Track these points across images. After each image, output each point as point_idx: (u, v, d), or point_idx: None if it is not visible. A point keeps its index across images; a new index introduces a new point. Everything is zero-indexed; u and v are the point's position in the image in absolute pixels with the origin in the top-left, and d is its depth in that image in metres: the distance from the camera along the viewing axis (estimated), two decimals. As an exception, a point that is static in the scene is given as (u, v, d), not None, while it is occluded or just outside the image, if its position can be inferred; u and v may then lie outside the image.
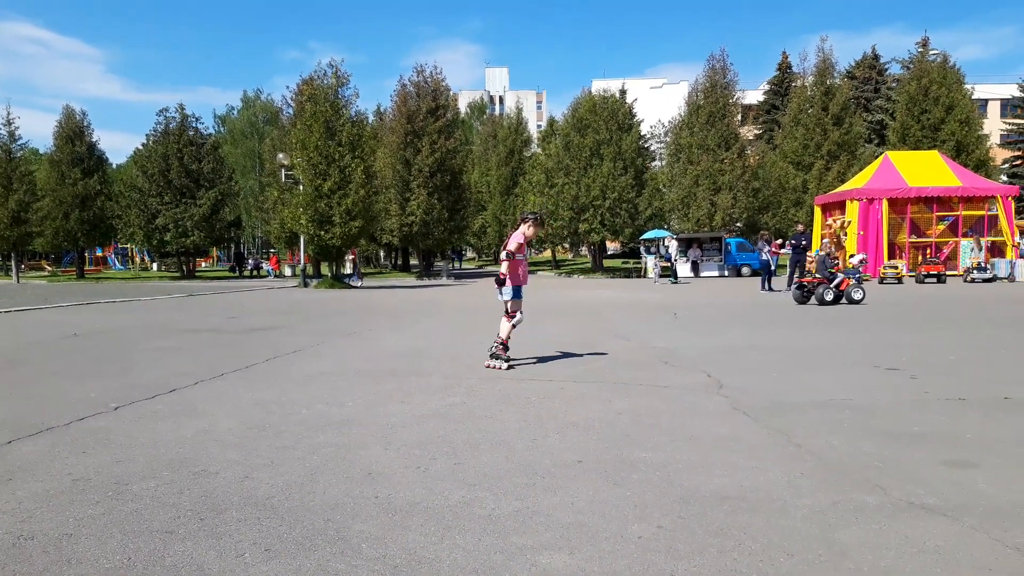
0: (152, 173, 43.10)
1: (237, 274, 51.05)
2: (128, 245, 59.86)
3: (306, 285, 31.11)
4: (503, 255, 8.38)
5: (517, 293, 8.48)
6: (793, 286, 19.15)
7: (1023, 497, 3.87)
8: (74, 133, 46.18)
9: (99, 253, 62.96)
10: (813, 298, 17.99)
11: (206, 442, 5.14)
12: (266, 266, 50.68)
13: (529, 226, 8.50)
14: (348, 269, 34.71)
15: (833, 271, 18.16)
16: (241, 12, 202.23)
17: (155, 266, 62.73)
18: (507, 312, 8.50)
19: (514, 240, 8.33)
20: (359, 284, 32.10)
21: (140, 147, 47.68)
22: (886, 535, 3.38)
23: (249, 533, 3.46)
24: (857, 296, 17.66)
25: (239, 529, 3.51)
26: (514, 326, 8.50)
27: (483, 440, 5.10)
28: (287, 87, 71.49)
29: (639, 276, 39.74)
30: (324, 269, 38.12)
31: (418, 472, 4.37)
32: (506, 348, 8.39)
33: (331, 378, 7.69)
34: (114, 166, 66.56)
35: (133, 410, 6.21)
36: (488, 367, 8.29)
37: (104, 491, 4.09)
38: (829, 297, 17.66)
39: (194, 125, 45.65)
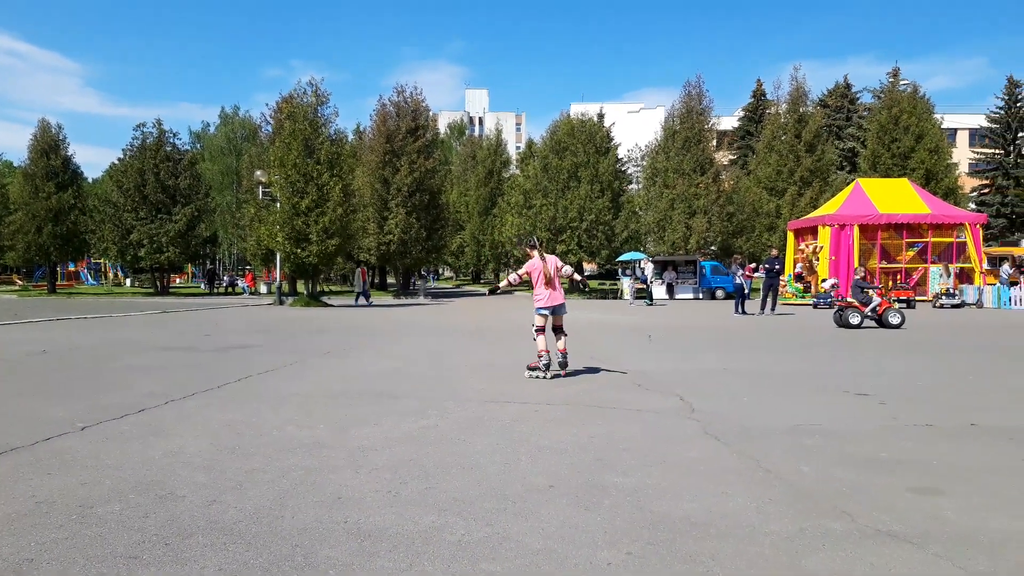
0: (127, 188, 42.68)
1: (209, 291, 50.57)
2: (101, 260, 59.12)
3: (282, 303, 30.87)
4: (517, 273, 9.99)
5: (544, 311, 9.56)
6: (834, 310, 19.20)
7: (987, 525, 3.94)
8: (49, 147, 45.66)
9: (71, 268, 62.05)
10: (866, 318, 17.84)
11: (174, 464, 5.07)
12: (241, 283, 50.24)
13: (534, 249, 9.86)
14: (358, 288, 33.29)
15: (870, 295, 18.11)
16: (223, 28, 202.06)
17: (128, 282, 61.94)
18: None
19: (525, 267, 9.75)
20: (368, 304, 31.30)
21: (116, 162, 47.18)
22: (852, 562, 3.41)
23: (215, 559, 3.42)
24: (895, 320, 17.61)
25: (204, 555, 3.47)
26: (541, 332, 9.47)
27: (455, 464, 5.09)
28: (266, 104, 71.45)
29: (615, 298, 39.94)
30: (300, 287, 37.86)
31: (389, 496, 4.34)
32: (541, 360, 9.33)
33: (304, 399, 7.63)
34: (89, 180, 65.84)
35: (100, 430, 6.11)
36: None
37: (68, 514, 4.02)
38: (855, 321, 17.67)
39: (171, 141, 45.32)
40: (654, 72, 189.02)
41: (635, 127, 79.25)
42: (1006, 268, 32.06)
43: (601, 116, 46.08)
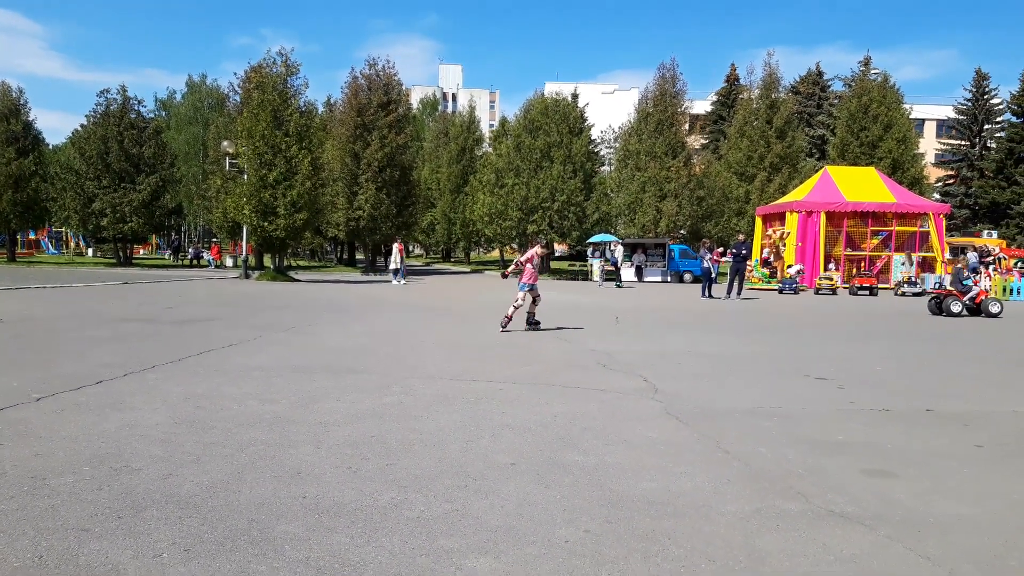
0: (90, 155, 41.61)
1: (174, 262, 49.75)
2: (63, 229, 57.77)
3: (247, 276, 30.47)
4: (518, 260, 12.87)
5: (524, 288, 12.45)
6: (930, 298, 19.40)
7: (938, 508, 4.03)
8: (9, 111, 44.28)
9: (32, 236, 60.57)
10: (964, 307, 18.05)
11: (131, 437, 4.99)
12: (207, 256, 49.48)
13: (540, 247, 13.04)
14: (395, 264, 30.12)
15: (970, 284, 18.24)
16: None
17: (90, 252, 60.63)
18: (517, 301, 12.48)
19: (529, 254, 12.59)
20: (403, 282, 29.40)
21: (79, 128, 45.96)
22: (805, 543, 3.47)
23: (169, 532, 3.37)
24: (995, 310, 17.83)
25: (158, 528, 3.42)
26: (515, 308, 12.52)
27: (417, 441, 5.08)
28: (235, 73, 70.03)
29: (585, 279, 40.09)
30: (268, 261, 37.41)
31: (348, 472, 4.32)
32: (509, 320, 12.43)
33: (266, 373, 7.55)
34: (51, 147, 64.08)
35: (56, 401, 6.00)
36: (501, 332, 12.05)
37: (19, 486, 3.94)
38: (956, 309, 17.91)
39: (136, 108, 44.25)
40: (629, 54, 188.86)
41: (609, 108, 79.21)
42: (972, 256, 32.72)
43: (575, 96, 45.88)
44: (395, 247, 30.58)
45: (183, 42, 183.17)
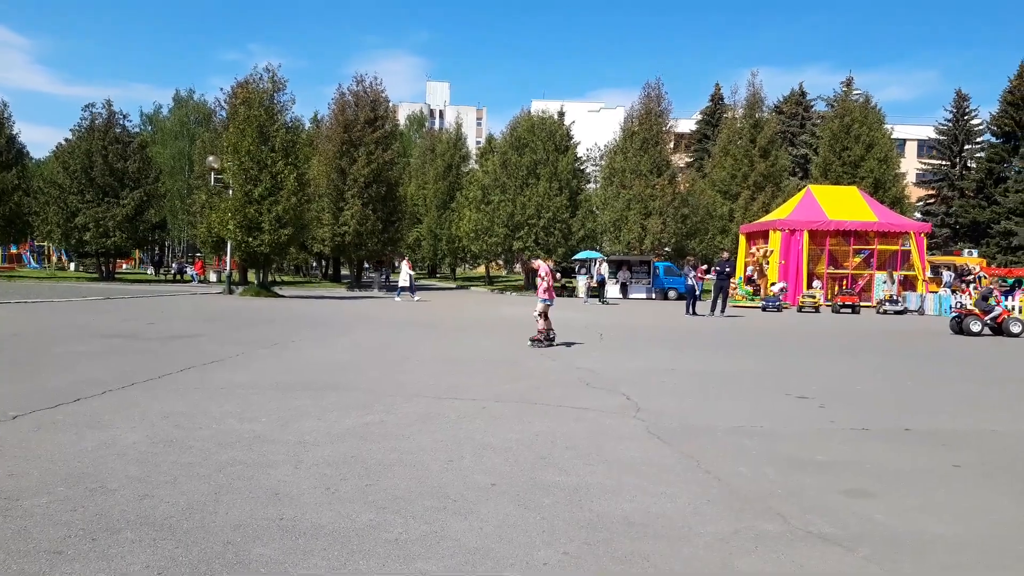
0: (74, 170, 41.41)
1: (156, 277, 49.40)
2: (45, 243, 57.29)
3: (231, 292, 30.31)
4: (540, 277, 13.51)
5: (546, 302, 13.15)
6: (951, 317, 19.71)
7: (915, 528, 4.05)
8: (-7, 124, 44.11)
9: (13, 250, 60.00)
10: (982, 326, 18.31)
11: (107, 456, 4.94)
12: (191, 271, 49.19)
13: (544, 269, 13.59)
14: (404, 281, 29.64)
15: (993, 304, 18.51)
16: (180, 7, 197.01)
17: (73, 266, 60.13)
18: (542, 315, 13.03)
19: (543, 269, 13.50)
20: (415, 299, 29.00)
21: (63, 142, 45.76)
22: (783, 564, 3.48)
23: (143, 555, 3.33)
24: (1015, 330, 18.06)
25: (132, 551, 3.38)
26: (543, 317, 13.07)
27: (397, 461, 5.05)
28: (221, 89, 69.79)
29: (571, 296, 40.15)
30: (252, 276, 37.22)
31: (327, 493, 4.29)
32: (541, 335, 12.99)
33: (247, 391, 7.50)
34: (35, 161, 63.69)
35: (32, 420, 5.92)
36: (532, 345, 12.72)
37: (-10, 507, 3.88)
38: (976, 328, 18.20)
39: (121, 122, 44.15)
40: (616, 72, 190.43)
41: (595, 126, 79.67)
42: (946, 276, 33.07)
43: (562, 114, 46.14)
44: (404, 264, 30.40)
45: (171, 57, 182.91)
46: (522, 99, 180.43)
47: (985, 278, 35.54)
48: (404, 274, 29.76)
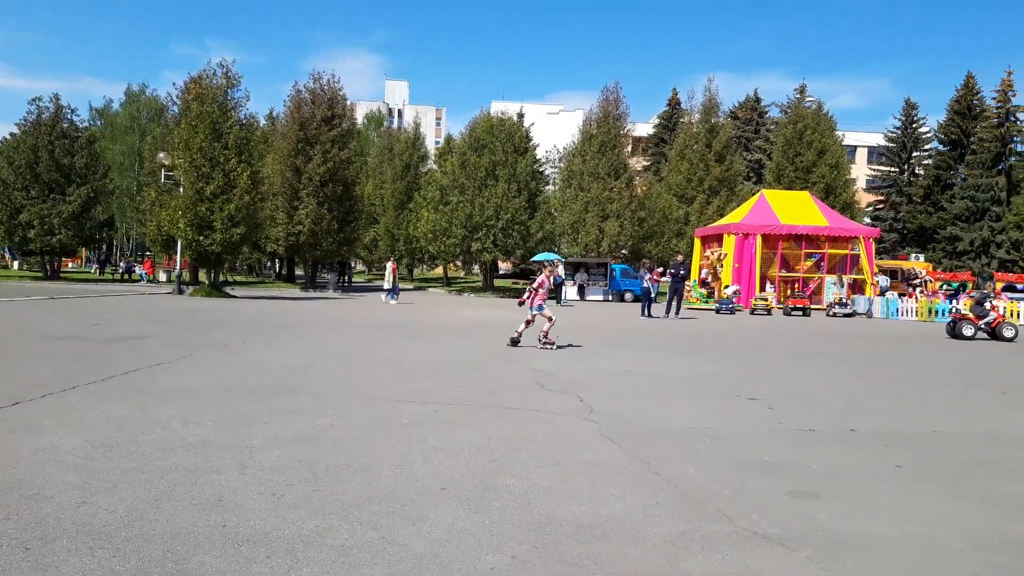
0: (19, 165, 40.11)
1: (100, 276, 48.14)
2: (-13, 241, 55.43)
3: (181, 292, 29.67)
4: (530, 288, 14.00)
5: (539, 308, 13.57)
6: (948, 321, 20.08)
7: (858, 528, 4.13)
8: (-70, 116, 42.53)
9: (-47, 248, 57.96)
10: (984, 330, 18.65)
11: (45, 462, 4.78)
12: (139, 270, 48.02)
13: (548, 272, 14.36)
14: (387, 284, 29.24)
15: (988, 309, 18.88)
16: (133, 0, 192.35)
17: (16, 264, 58.25)
18: (548, 318, 13.41)
19: (539, 280, 13.88)
20: (395, 301, 28.42)
21: (8, 137, 44.30)
22: (727, 565, 3.51)
23: (79, 564, 3.23)
24: (1008, 334, 18.38)
25: (68, 560, 3.27)
26: (550, 323, 13.38)
27: (346, 465, 4.98)
28: (174, 84, 68.24)
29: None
30: (203, 276, 36.50)
31: (272, 499, 4.21)
32: (546, 335, 13.35)
33: (194, 395, 7.33)
34: (-24, 155, 61.57)
35: (-35, 425, 5.70)
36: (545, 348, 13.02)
37: (-84, 517, 3.72)
38: (968, 333, 18.61)
39: (69, 117, 42.93)
40: (575, 75, 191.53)
41: (554, 128, 79.99)
42: (883, 280, 33.92)
43: (521, 116, 46.22)
44: (388, 266, 29.89)
45: (122, 50, 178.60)
46: (482, 100, 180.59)
47: (931, 282, 36.62)
48: (388, 276, 29.37)
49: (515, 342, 13.31)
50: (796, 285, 34.66)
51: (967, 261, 54.65)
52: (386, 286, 29.42)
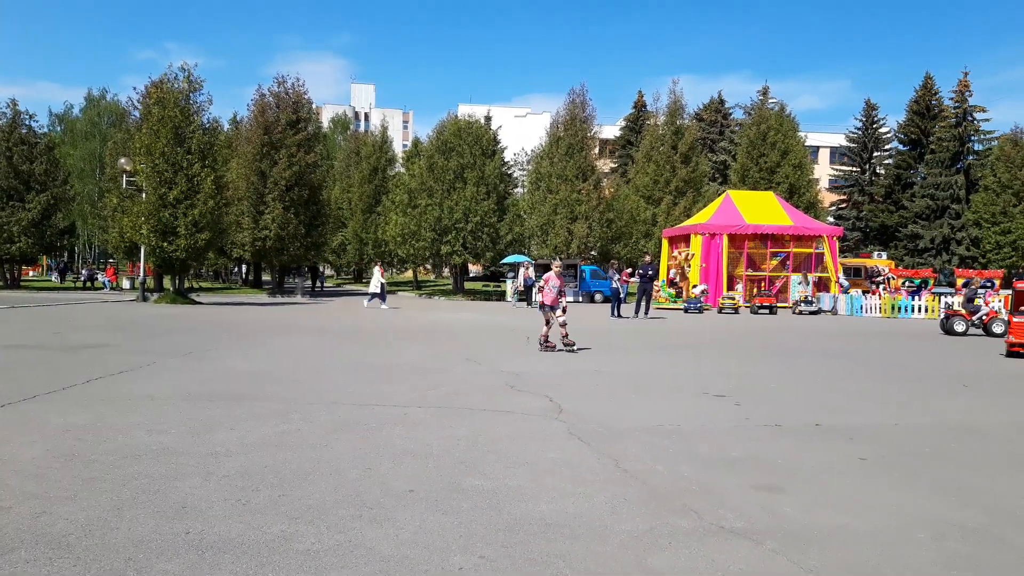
0: (-26, 172, 39.28)
1: (60, 283, 47.19)
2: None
3: (145, 299, 29.19)
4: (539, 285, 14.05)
5: (550, 309, 13.22)
6: (941, 317, 20.38)
7: (822, 521, 4.19)
8: None
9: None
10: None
11: (3, 473, 4.68)
12: (102, 277, 47.15)
13: (556, 266, 13.68)
14: (375, 288, 28.69)
15: (980, 305, 19.27)
16: (92, 3, 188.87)
17: (-27, 273, 56.92)
18: (546, 321, 13.21)
19: (545, 276, 13.47)
20: (384, 307, 27.79)
21: (-38, 143, 43.31)
22: (694, 559, 3.54)
23: (37, 575, 3.15)
24: (998, 330, 18.66)
25: (25, 571, 3.20)
26: (562, 325, 12.98)
27: (313, 470, 4.93)
28: (134, 88, 66.96)
29: (500, 299, 40.25)
30: (167, 283, 35.93)
31: (237, 505, 4.15)
32: (565, 337, 12.88)
33: (157, 402, 7.21)
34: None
35: (-82, 437, 5.55)
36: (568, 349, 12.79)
37: None
38: (960, 328, 19.08)
39: (27, 122, 42.09)
40: (542, 78, 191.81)
41: (522, 131, 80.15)
42: (842, 279, 34.48)
43: (488, 119, 46.27)
44: (376, 270, 29.31)
45: (82, 55, 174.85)
46: (449, 103, 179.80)
47: (894, 279, 37.33)
48: (376, 280, 28.75)
49: (544, 346, 13.02)
50: (762, 284, 35.11)
51: (928, 258, 55.84)
52: (374, 290, 28.80)
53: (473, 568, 3.36)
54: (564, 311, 13.25)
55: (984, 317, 19.38)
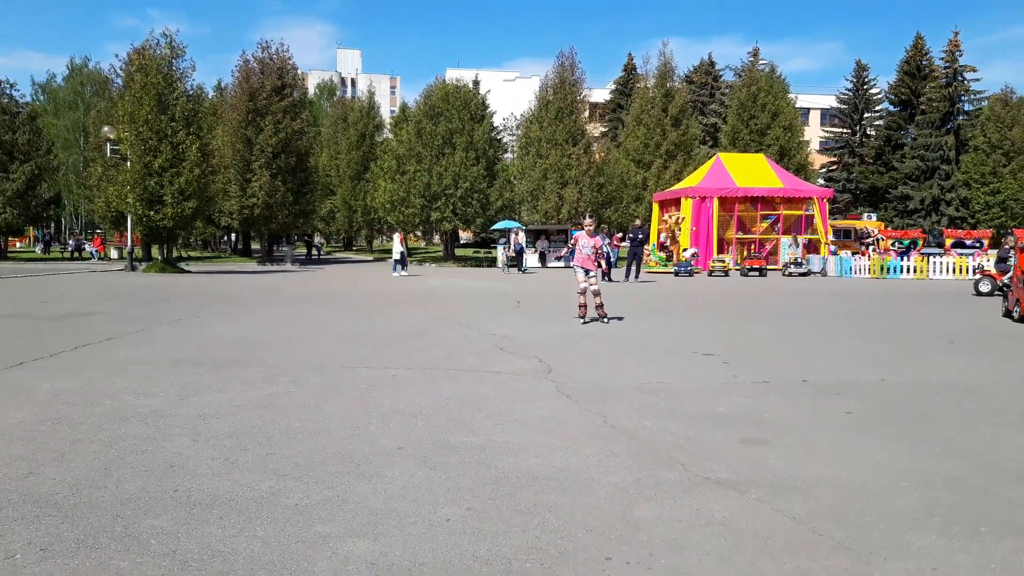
0: (-45, 143, 38.78)
1: (46, 254, 46.90)
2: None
3: (134, 269, 29.04)
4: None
5: (585, 273, 11.80)
6: (976, 279, 19.94)
7: (807, 472, 4.22)
8: None
9: None
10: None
11: (-11, 436, 4.66)
12: (89, 248, 46.83)
13: (587, 225, 12.40)
14: (396, 255, 28.11)
15: (1010, 266, 18.91)
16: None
17: (-41, 245, 56.44)
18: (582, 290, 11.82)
19: (576, 237, 12.09)
20: (406, 273, 27.48)
21: (-55, 114, 42.69)
22: (680, 509, 3.58)
23: (24, 532, 3.16)
24: None
25: (13, 528, 3.21)
26: (580, 293, 11.84)
27: (301, 429, 4.94)
28: (116, 55, 65.85)
29: (490, 266, 40.22)
30: (156, 252, 35.73)
31: (225, 464, 4.16)
32: (583, 309, 11.84)
33: (145, 367, 7.19)
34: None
35: (-96, 403, 5.53)
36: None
37: None
38: (985, 289, 18.52)
39: (9, 92, 41.53)
40: (531, 42, 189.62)
41: (511, 96, 79.38)
42: (831, 247, 34.54)
43: (477, 83, 45.76)
44: (396, 237, 28.97)
45: (64, 23, 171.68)
46: (437, 68, 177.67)
47: (883, 240, 37.42)
48: (396, 248, 28.49)
49: (583, 318, 11.74)
50: (752, 246, 35.14)
51: (918, 219, 55.91)
52: (395, 257, 28.44)
53: (460, 519, 3.39)
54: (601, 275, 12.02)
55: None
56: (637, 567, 2.92)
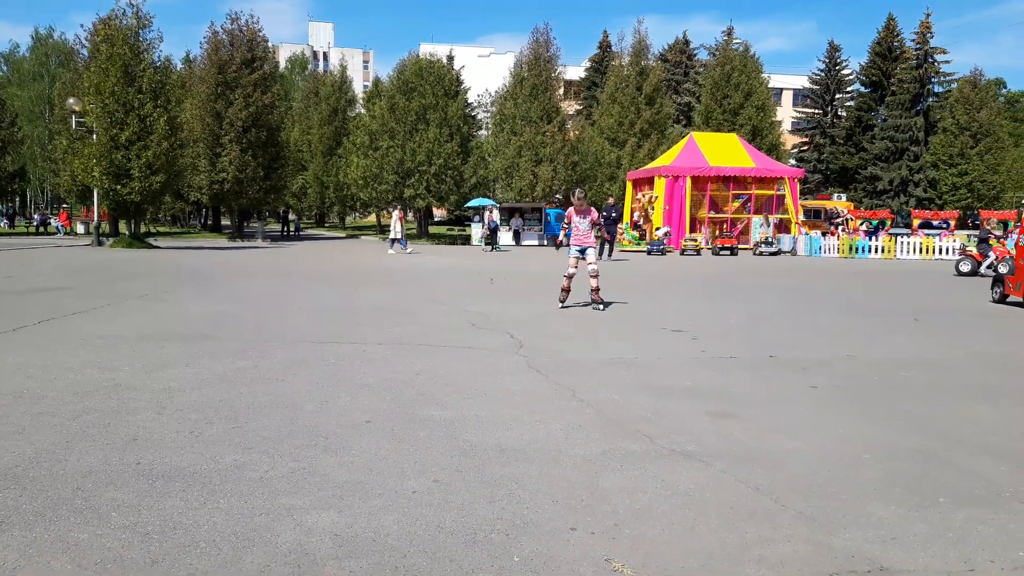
0: (-87, 113, 37.65)
1: (10, 228, 45.92)
2: None
3: (101, 244, 28.52)
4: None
5: (579, 251, 10.77)
6: (957, 259, 19.95)
7: (771, 445, 4.28)
8: None
9: None
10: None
11: (-54, 411, 4.57)
12: (55, 222, 45.88)
13: (577, 198, 10.89)
14: (395, 234, 27.86)
15: (989, 248, 19.15)
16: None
17: (-81, 220, 55.01)
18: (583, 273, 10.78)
19: (569, 214, 10.86)
20: (408, 251, 27.34)
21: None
22: (645, 480, 3.61)
23: (-19, 507, 3.11)
24: (1003, 270, 18.55)
25: (-31, 502, 3.15)
26: (567, 277, 10.75)
27: (269, 403, 4.91)
28: (82, 26, 64.05)
29: (465, 243, 40.10)
30: (123, 227, 35.10)
31: (190, 437, 4.12)
32: (565, 292, 10.77)
33: (111, 342, 7.08)
34: None
35: None
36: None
37: None
38: (965, 269, 18.78)
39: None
40: (506, 17, 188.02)
41: (485, 72, 78.72)
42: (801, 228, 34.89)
43: (451, 58, 45.25)
44: (395, 214, 28.61)
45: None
46: (410, 43, 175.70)
47: (852, 220, 37.85)
48: (395, 225, 28.18)
49: (563, 303, 10.71)
50: (724, 226, 35.38)
51: (886, 200, 56.61)
52: (393, 235, 28.21)
53: (427, 491, 3.39)
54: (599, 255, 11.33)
55: (995, 261, 19.54)
56: (602, 536, 2.95)
